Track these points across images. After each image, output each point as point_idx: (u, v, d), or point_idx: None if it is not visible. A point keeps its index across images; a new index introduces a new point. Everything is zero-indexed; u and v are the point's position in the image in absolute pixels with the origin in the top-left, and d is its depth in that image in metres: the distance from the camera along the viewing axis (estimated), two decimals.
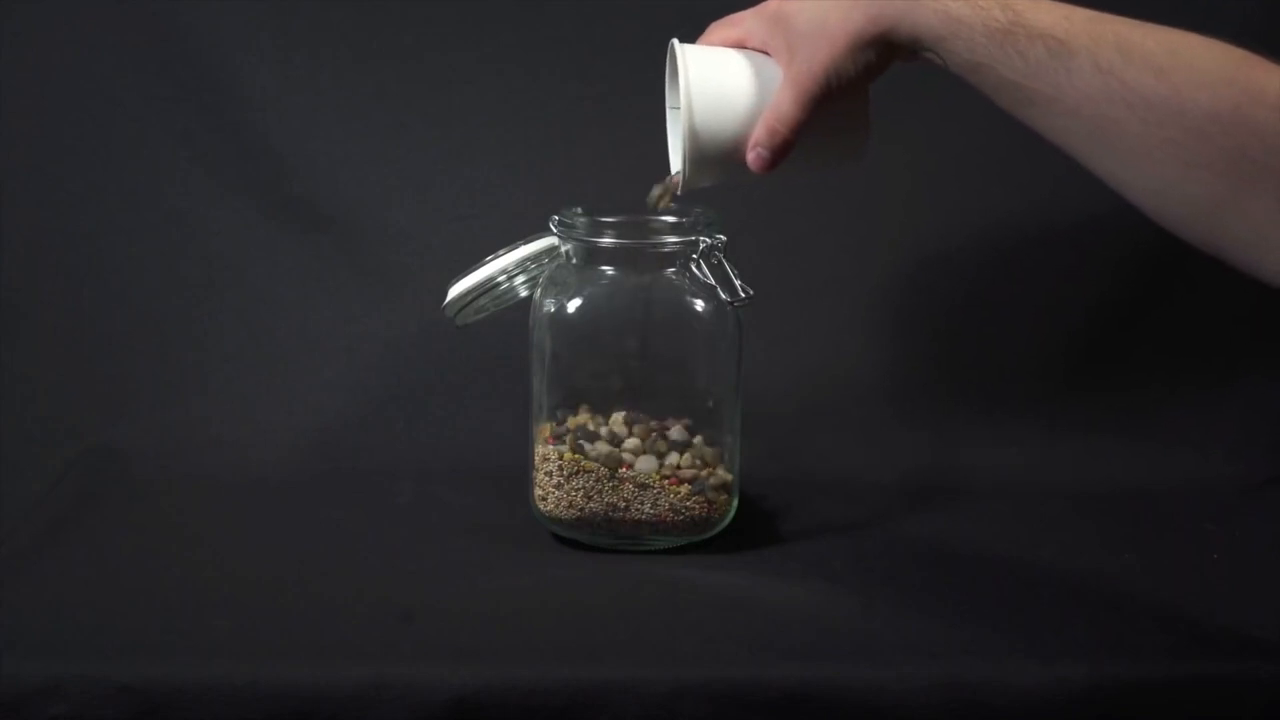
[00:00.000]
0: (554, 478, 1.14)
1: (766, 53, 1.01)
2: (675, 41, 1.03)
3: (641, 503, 1.13)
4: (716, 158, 1.01)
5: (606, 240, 1.14)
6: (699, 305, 1.14)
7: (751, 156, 0.99)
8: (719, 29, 1.04)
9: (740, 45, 1.02)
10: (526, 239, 1.15)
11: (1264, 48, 1.28)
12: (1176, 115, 0.85)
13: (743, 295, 1.11)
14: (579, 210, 1.15)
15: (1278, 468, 1.33)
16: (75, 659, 0.95)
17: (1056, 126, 0.89)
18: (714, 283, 1.12)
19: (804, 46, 0.96)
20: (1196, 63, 0.86)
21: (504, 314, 1.18)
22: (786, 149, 0.98)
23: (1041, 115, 0.89)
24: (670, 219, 1.14)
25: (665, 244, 1.14)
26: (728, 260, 1.12)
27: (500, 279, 1.15)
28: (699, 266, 1.13)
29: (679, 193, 1.06)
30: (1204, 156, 0.85)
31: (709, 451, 1.16)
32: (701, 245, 1.13)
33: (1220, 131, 0.84)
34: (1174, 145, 0.85)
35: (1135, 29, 0.88)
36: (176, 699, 0.92)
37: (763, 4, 1.01)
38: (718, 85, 1.00)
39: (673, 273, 1.15)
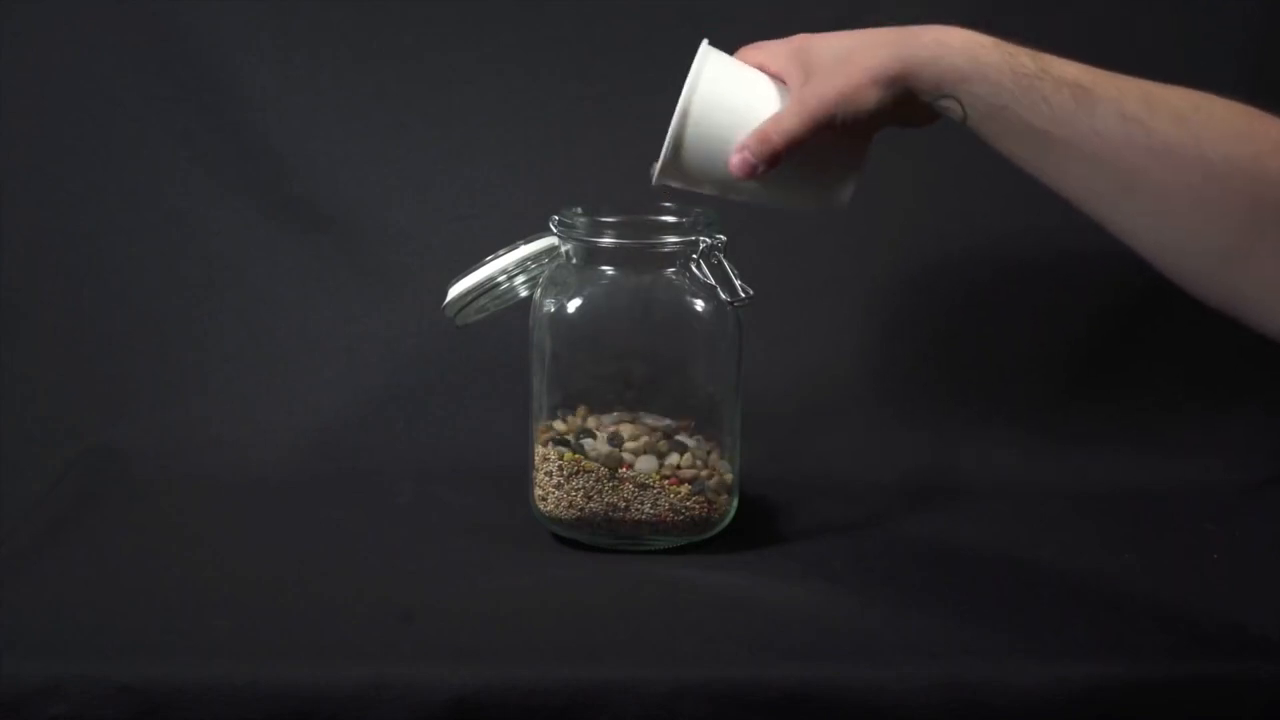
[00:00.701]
0: (554, 478, 1.14)
1: (784, 80, 1.00)
2: (705, 42, 1.02)
3: (641, 503, 1.13)
4: (698, 156, 1.00)
5: (606, 240, 1.14)
6: (699, 305, 1.14)
7: (736, 159, 0.98)
8: (746, 52, 1.04)
9: (761, 68, 1.02)
10: (526, 239, 1.16)
11: (1264, 49, 1.29)
12: (1197, 163, 0.86)
13: (743, 295, 1.11)
14: (579, 210, 1.15)
15: (1277, 469, 1.33)
16: (75, 659, 0.95)
17: (1073, 175, 0.90)
18: (714, 283, 1.12)
19: (822, 74, 0.96)
20: (1217, 114, 0.87)
21: (504, 314, 1.18)
22: (774, 160, 0.98)
23: (1058, 163, 0.90)
24: (670, 219, 1.14)
25: (665, 244, 1.14)
26: (728, 260, 1.12)
27: (500, 279, 1.15)
28: (699, 266, 1.13)
29: (652, 183, 1.05)
30: (1223, 205, 0.86)
31: (709, 452, 1.16)
32: (701, 245, 1.13)
33: (1240, 180, 0.85)
34: (1194, 193, 0.86)
35: (1156, 85, 0.89)
36: (176, 699, 0.92)
37: (793, 36, 1.01)
38: (724, 87, 1.00)
39: (673, 273, 1.15)
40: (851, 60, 0.95)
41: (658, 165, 1.02)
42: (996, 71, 0.91)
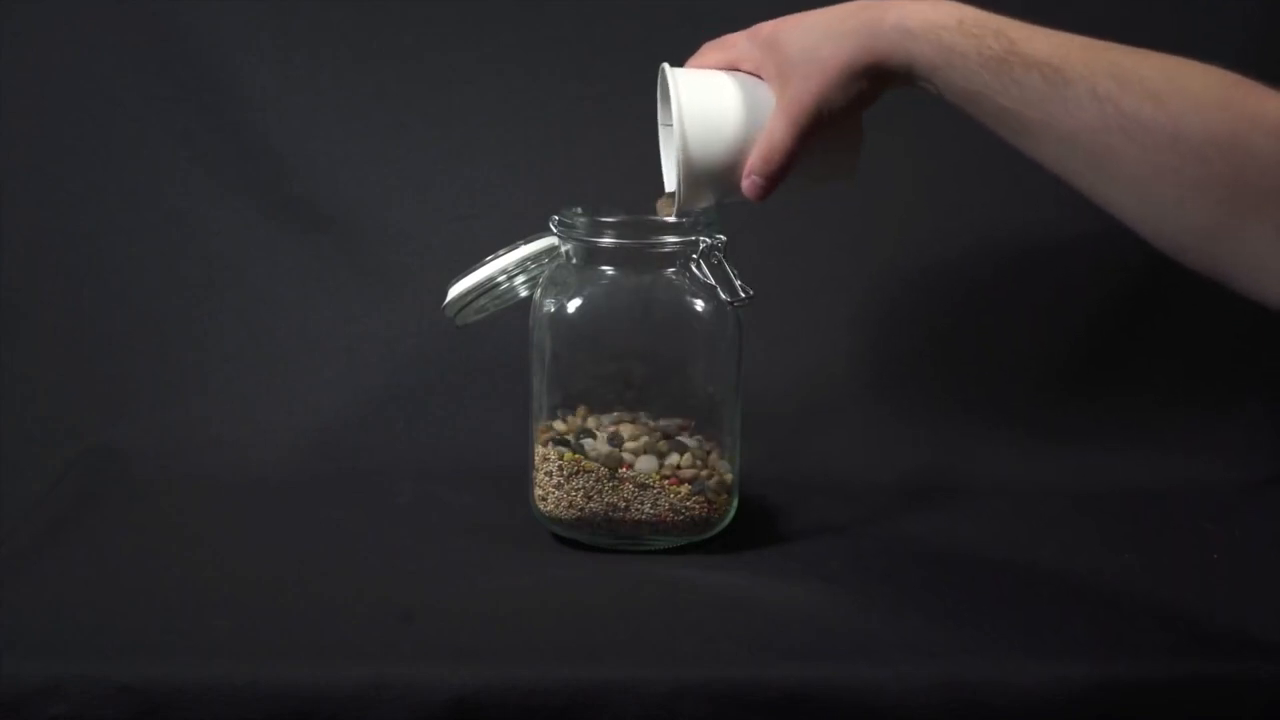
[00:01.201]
0: (554, 478, 1.14)
1: (760, 75, 1.01)
2: (666, 66, 1.03)
3: (641, 503, 1.13)
4: (710, 182, 1.02)
5: (606, 240, 1.14)
6: (699, 305, 1.14)
7: (746, 184, 1.00)
8: (711, 51, 1.04)
9: (733, 68, 1.02)
10: (526, 239, 1.16)
11: (1264, 49, 1.28)
12: (1174, 141, 0.84)
13: (743, 295, 1.11)
14: (579, 210, 1.15)
15: (1277, 468, 1.33)
16: (75, 659, 0.95)
17: (1053, 154, 0.89)
18: (714, 283, 1.12)
19: (796, 75, 0.97)
20: (1193, 88, 0.85)
21: (504, 314, 1.18)
22: (781, 176, 0.99)
23: (1038, 143, 0.89)
24: (670, 219, 1.14)
25: (665, 244, 1.14)
26: (728, 260, 1.12)
27: (500, 279, 1.15)
28: (699, 266, 1.13)
29: (673, 215, 1.06)
30: (1202, 182, 0.84)
31: (709, 452, 1.16)
32: (701, 245, 1.13)
33: (1218, 157, 0.84)
34: (1172, 171, 0.85)
35: (1130, 55, 0.87)
36: (176, 699, 0.92)
37: (756, 27, 1.01)
38: (711, 111, 1.01)
39: (673, 273, 1.15)
40: (821, 55, 0.95)
41: (675, 205, 1.04)
42: (963, 58, 0.90)
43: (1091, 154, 0.87)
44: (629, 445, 1.14)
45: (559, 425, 1.16)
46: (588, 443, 1.14)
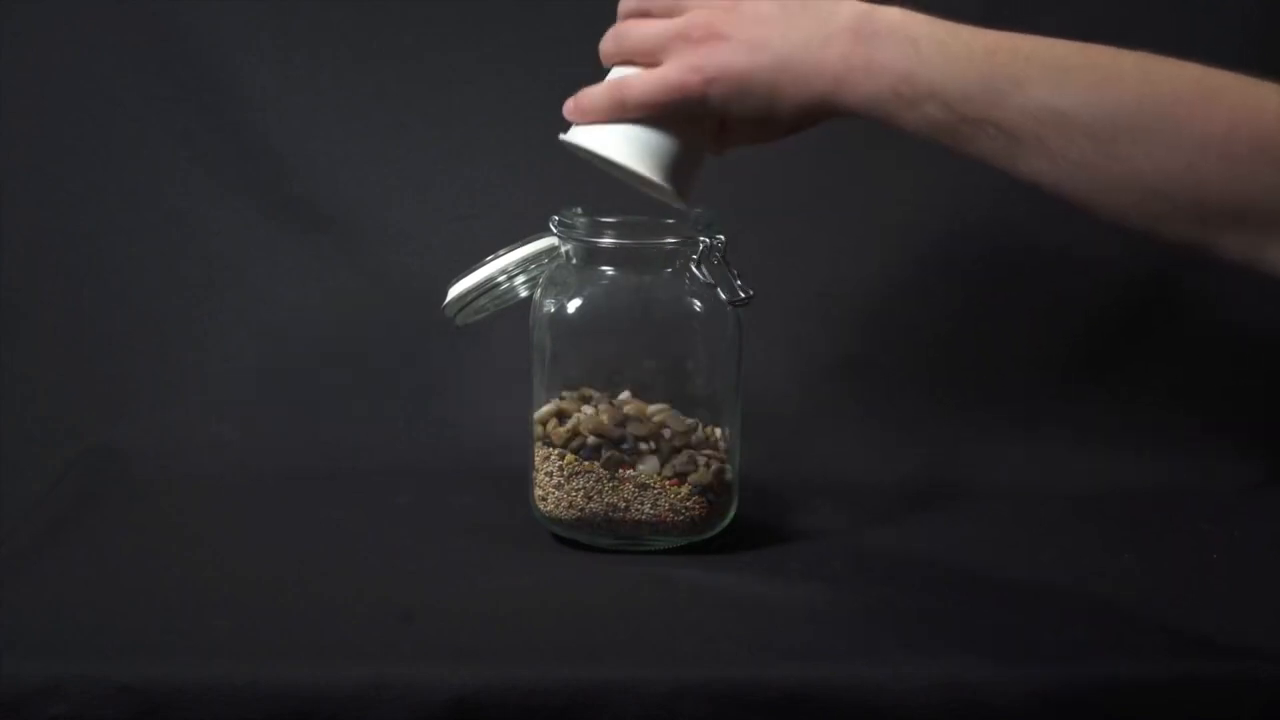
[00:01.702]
0: (554, 478, 1.14)
1: None
2: (562, 137, 1.02)
3: (641, 503, 1.13)
4: (680, 168, 1.00)
5: (606, 240, 1.14)
6: (699, 305, 1.14)
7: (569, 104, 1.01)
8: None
9: None
10: (526, 239, 1.16)
11: (1264, 49, 1.28)
12: (1132, 181, 0.86)
13: (742, 295, 1.11)
14: (579, 210, 1.15)
15: (1277, 468, 1.33)
16: (75, 659, 0.95)
17: (1034, 185, 0.89)
18: (714, 283, 1.12)
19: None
20: (1137, 123, 0.85)
21: (504, 314, 1.18)
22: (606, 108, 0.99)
23: (1014, 174, 0.90)
24: (670, 219, 1.14)
25: (665, 244, 1.14)
26: (728, 260, 1.12)
27: (500, 279, 1.15)
28: (699, 266, 1.13)
29: (682, 204, 1.05)
30: (1166, 213, 0.86)
31: (710, 451, 1.16)
32: (701, 245, 1.13)
33: (1176, 191, 0.85)
34: (1135, 209, 0.86)
35: (1063, 89, 0.87)
36: (176, 699, 0.92)
37: None
38: (629, 137, 0.99)
39: (672, 273, 1.15)
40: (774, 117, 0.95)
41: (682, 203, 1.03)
42: (914, 128, 0.90)
43: (1064, 196, 0.88)
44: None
45: (558, 425, 1.16)
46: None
